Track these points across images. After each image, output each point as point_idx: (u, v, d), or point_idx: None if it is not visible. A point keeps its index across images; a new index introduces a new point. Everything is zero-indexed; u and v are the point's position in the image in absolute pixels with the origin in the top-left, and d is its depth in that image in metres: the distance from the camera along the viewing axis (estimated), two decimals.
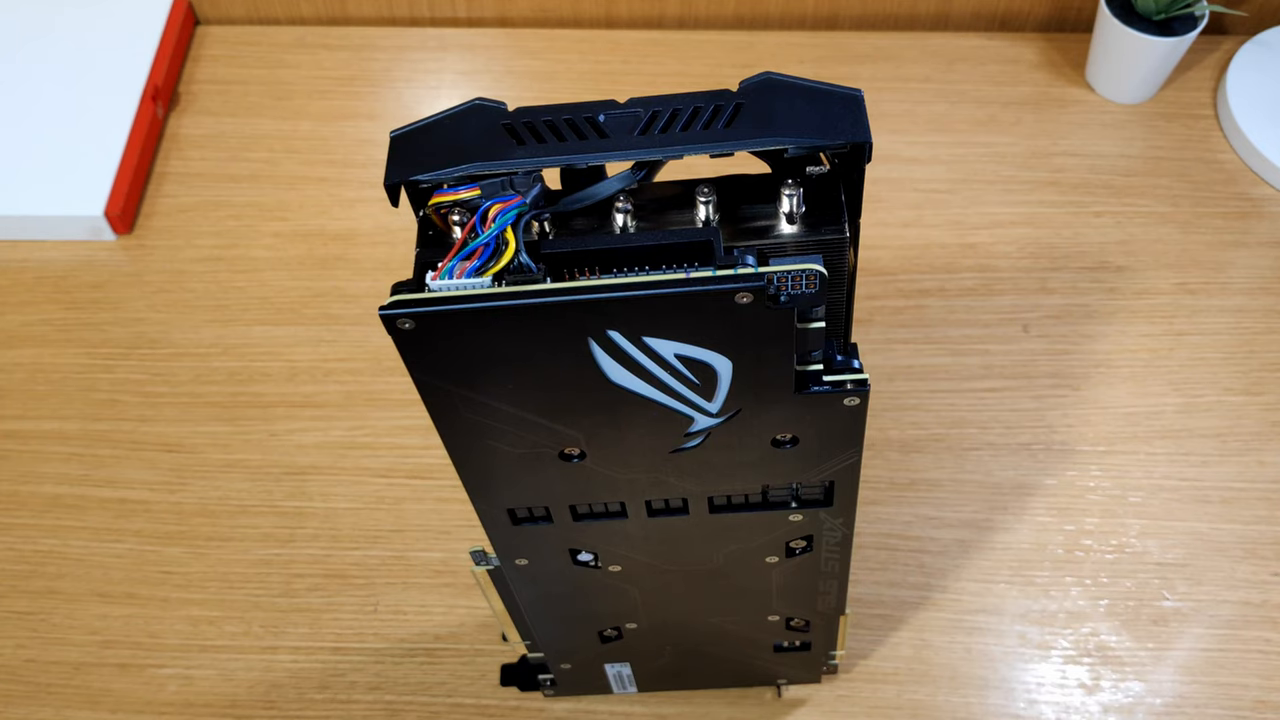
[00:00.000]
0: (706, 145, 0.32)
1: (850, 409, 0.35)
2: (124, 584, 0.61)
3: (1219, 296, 0.70)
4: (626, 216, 0.35)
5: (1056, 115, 0.79)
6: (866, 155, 0.33)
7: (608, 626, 0.50)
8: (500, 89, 0.81)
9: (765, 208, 0.35)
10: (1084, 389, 0.67)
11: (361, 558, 0.62)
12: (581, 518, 0.41)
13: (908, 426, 0.65)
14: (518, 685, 0.57)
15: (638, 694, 0.57)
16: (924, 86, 0.81)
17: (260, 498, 0.64)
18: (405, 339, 0.31)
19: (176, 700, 0.58)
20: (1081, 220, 0.74)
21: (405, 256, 0.73)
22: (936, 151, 0.77)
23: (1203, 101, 0.80)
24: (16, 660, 0.59)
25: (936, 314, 0.70)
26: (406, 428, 0.66)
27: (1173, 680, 0.57)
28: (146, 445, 0.66)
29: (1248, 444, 0.65)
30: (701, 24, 0.86)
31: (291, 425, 0.66)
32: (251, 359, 0.69)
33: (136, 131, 0.76)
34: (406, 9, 0.85)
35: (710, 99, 0.33)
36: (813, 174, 0.35)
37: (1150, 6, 0.75)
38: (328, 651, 0.59)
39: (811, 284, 0.32)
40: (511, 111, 0.33)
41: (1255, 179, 0.76)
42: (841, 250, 0.35)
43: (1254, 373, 0.67)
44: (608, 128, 0.33)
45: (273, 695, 0.58)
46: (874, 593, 0.60)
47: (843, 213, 0.34)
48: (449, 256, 0.32)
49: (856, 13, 0.85)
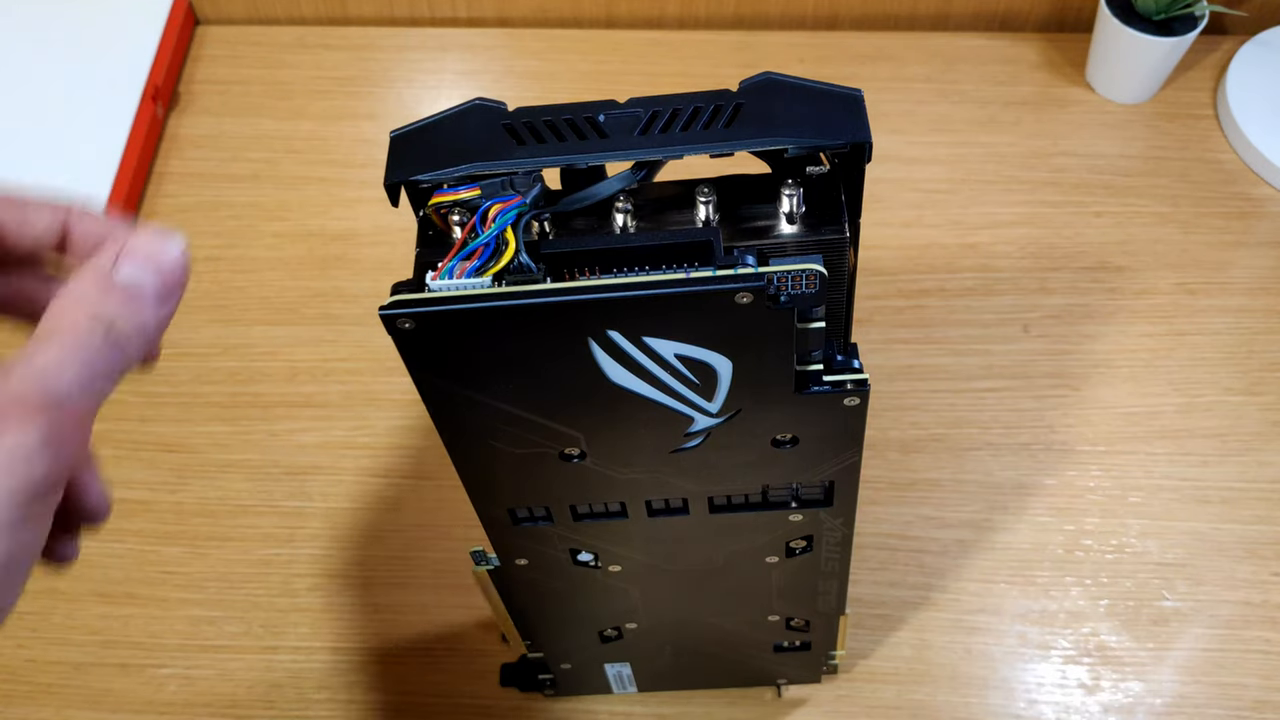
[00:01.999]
0: (706, 145, 0.32)
1: (850, 409, 0.35)
2: (124, 584, 0.61)
3: (1219, 296, 0.70)
4: (626, 216, 0.35)
5: (1056, 115, 0.79)
6: (866, 155, 0.33)
7: (608, 627, 0.50)
8: (500, 89, 0.81)
9: (765, 208, 0.35)
10: (1084, 389, 0.67)
11: (361, 558, 0.62)
12: (581, 518, 0.41)
13: (908, 426, 0.65)
14: (518, 685, 0.57)
15: (638, 694, 0.57)
16: (924, 86, 0.81)
17: (260, 498, 0.64)
18: (405, 339, 0.31)
19: (176, 700, 0.58)
20: (1081, 220, 0.74)
21: (405, 256, 0.73)
22: (936, 151, 0.77)
23: (1203, 101, 0.80)
24: (16, 660, 0.59)
25: (937, 314, 0.70)
26: (406, 428, 0.66)
27: (1173, 680, 0.57)
28: (146, 445, 0.66)
29: (1248, 444, 0.65)
30: (701, 24, 0.86)
31: (291, 425, 0.66)
32: (251, 359, 0.69)
33: (136, 131, 0.76)
34: (406, 9, 0.85)
35: (710, 99, 0.33)
36: (813, 174, 0.35)
37: (1150, 6, 0.75)
38: (328, 651, 0.59)
39: (811, 284, 0.32)
40: (511, 111, 0.33)
41: (1255, 179, 0.76)
42: (841, 250, 0.35)
43: (1254, 373, 0.67)
44: (608, 128, 0.33)
45: (273, 695, 0.58)
46: (874, 593, 0.60)
47: (843, 213, 0.34)
48: (449, 256, 0.32)
49: (856, 13, 0.85)
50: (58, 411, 0.27)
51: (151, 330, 0.29)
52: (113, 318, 0.28)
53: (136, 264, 0.29)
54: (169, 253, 0.30)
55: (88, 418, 0.28)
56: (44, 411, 0.26)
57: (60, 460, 0.27)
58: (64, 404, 0.27)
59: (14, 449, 0.26)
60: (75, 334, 0.28)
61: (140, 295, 0.29)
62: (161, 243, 0.30)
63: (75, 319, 0.28)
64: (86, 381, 0.27)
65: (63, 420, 0.27)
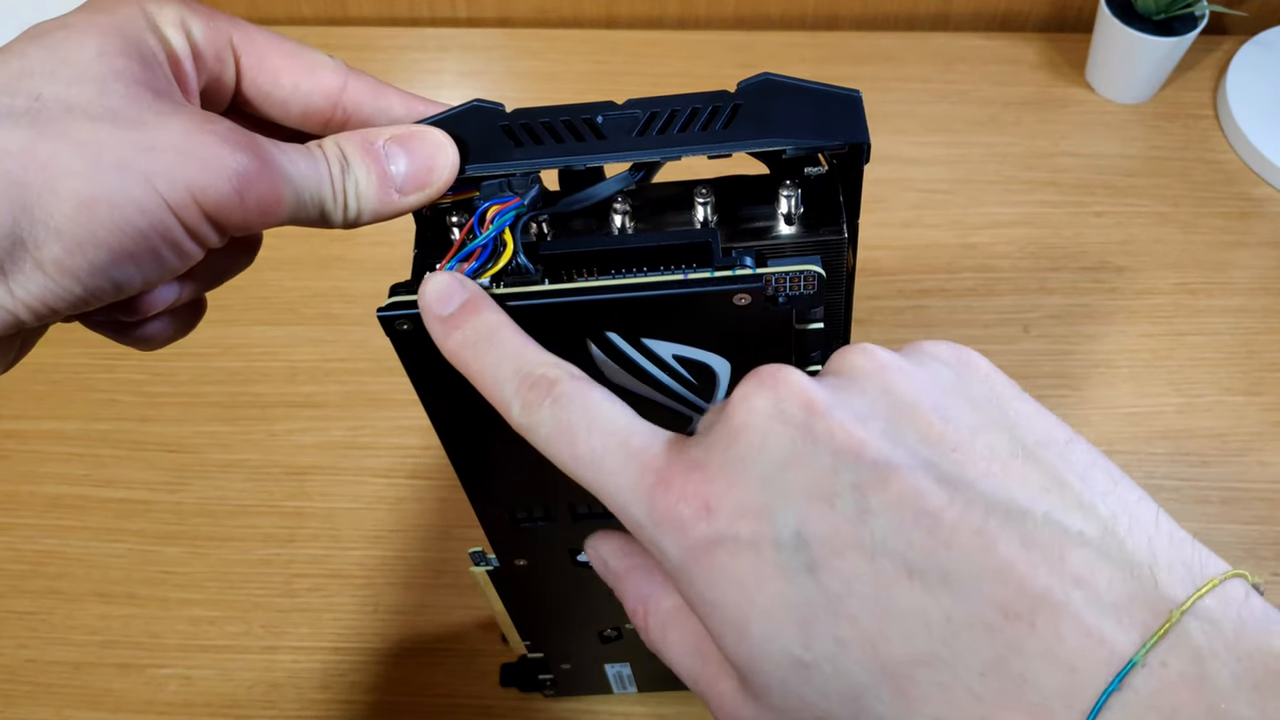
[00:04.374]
0: (704, 147, 0.32)
1: None
2: (124, 584, 0.61)
3: (1219, 296, 0.70)
4: (625, 217, 0.35)
5: (1057, 115, 0.79)
6: (865, 156, 0.33)
7: (608, 627, 0.50)
8: (500, 89, 0.81)
9: (763, 208, 0.35)
10: (1084, 389, 0.67)
11: (361, 558, 0.62)
12: (581, 518, 0.41)
13: None
14: (518, 685, 0.57)
15: (638, 694, 0.57)
16: (924, 86, 0.81)
17: (260, 498, 0.64)
18: (403, 340, 0.31)
19: (176, 700, 0.58)
20: (1082, 220, 0.74)
21: (405, 256, 0.73)
22: (936, 151, 0.77)
23: (1203, 101, 0.80)
24: (16, 660, 0.59)
25: (937, 314, 0.70)
26: (406, 428, 0.66)
27: None
28: (146, 445, 0.66)
29: (1248, 444, 0.65)
30: (701, 24, 0.86)
31: (291, 425, 0.66)
32: (251, 359, 0.69)
33: None
34: (406, 9, 0.85)
35: (708, 100, 0.33)
36: (811, 175, 0.35)
37: (1150, 6, 0.74)
38: (328, 651, 0.59)
39: (810, 285, 0.31)
40: (509, 113, 0.33)
41: (1255, 179, 0.76)
42: (840, 251, 0.34)
43: (1254, 373, 0.67)
44: (606, 129, 0.33)
45: (273, 695, 0.58)
46: None
47: (841, 213, 0.34)
48: (447, 258, 0.32)
49: (856, 13, 0.85)
50: (264, 168, 0.29)
51: (372, 202, 0.31)
52: (355, 165, 0.31)
53: (399, 148, 0.31)
54: (427, 158, 0.32)
55: (271, 211, 0.29)
56: (257, 158, 0.28)
57: (238, 201, 0.28)
58: (277, 177, 0.29)
59: (219, 157, 0.28)
60: (322, 149, 0.31)
61: (386, 174, 0.31)
62: (428, 147, 0.32)
63: (329, 145, 0.31)
64: (300, 181, 0.30)
65: (259, 177, 0.28)
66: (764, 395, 0.25)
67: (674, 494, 0.25)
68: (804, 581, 0.23)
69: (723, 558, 0.24)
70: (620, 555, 0.30)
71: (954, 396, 0.25)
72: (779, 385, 0.25)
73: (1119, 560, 0.22)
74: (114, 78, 0.27)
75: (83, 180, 0.26)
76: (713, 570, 0.24)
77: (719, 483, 0.25)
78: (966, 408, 0.25)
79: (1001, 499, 0.23)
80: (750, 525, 0.24)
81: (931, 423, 0.24)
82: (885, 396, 0.25)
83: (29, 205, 0.26)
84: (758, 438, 0.25)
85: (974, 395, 0.26)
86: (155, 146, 0.27)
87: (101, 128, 0.26)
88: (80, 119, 0.26)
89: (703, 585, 0.25)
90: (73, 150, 0.26)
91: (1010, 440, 0.24)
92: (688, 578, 0.25)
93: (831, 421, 0.24)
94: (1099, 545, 0.23)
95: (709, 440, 0.26)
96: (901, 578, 0.23)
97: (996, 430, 0.25)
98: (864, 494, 0.23)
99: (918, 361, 0.27)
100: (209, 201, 0.28)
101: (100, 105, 0.27)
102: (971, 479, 0.23)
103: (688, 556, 0.25)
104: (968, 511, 0.23)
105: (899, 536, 0.23)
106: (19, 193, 0.26)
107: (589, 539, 0.32)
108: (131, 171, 0.27)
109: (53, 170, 0.26)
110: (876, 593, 0.23)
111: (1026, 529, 0.23)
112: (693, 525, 0.25)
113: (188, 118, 0.28)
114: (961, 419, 0.25)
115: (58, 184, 0.26)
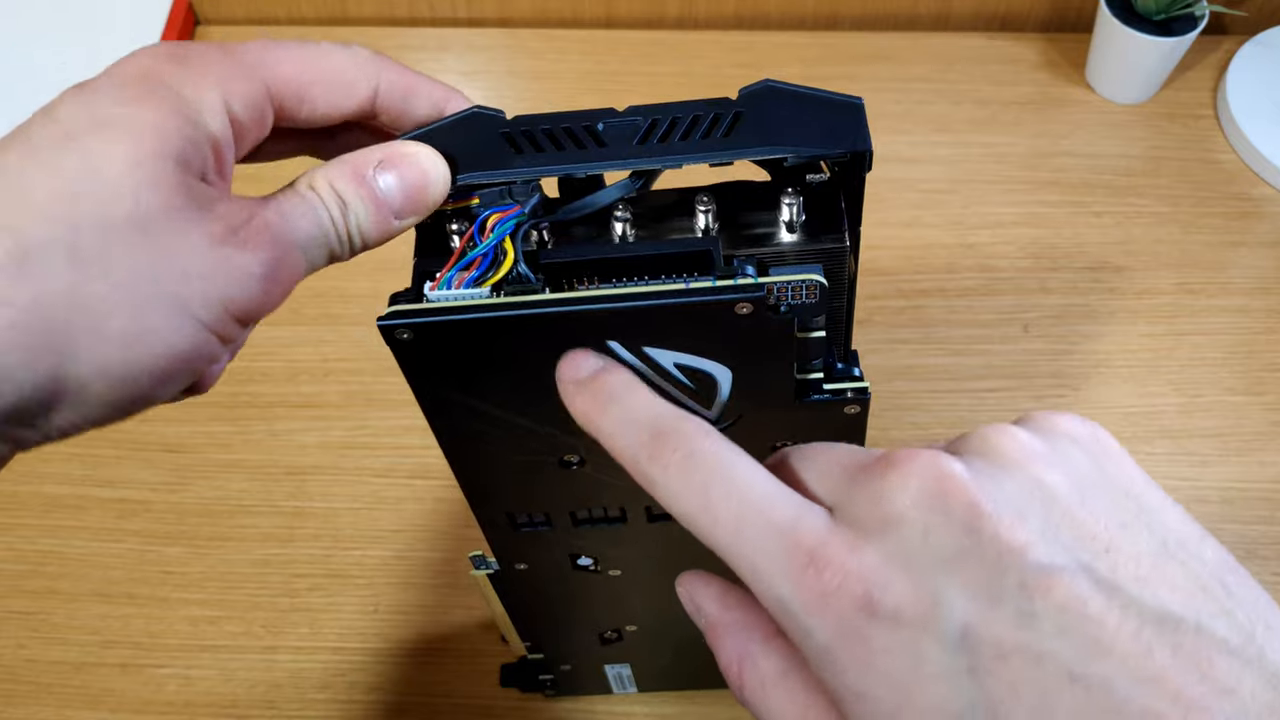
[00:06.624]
0: (706, 155, 0.32)
1: (851, 417, 0.35)
2: (124, 584, 0.61)
3: (1219, 296, 0.70)
4: (626, 225, 0.35)
5: (1057, 115, 0.79)
6: (867, 164, 0.33)
7: (608, 629, 0.50)
8: (500, 89, 0.81)
9: (765, 216, 0.35)
10: (1084, 389, 0.67)
11: (361, 558, 0.62)
12: (581, 523, 0.41)
13: (908, 426, 0.65)
14: (518, 686, 0.57)
15: (638, 694, 0.57)
16: (924, 86, 0.81)
17: (260, 498, 0.64)
18: (403, 349, 0.31)
19: (176, 700, 0.58)
20: (1082, 220, 0.74)
21: (405, 256, 0.72)
22: (936, 151, 0.77)
23: (1203, 101, 0.80)
24: (16, 660, 0.59)
25: (937, 314, 0.70)
26: (406, 428, 0.66)
27: None
28: (146, 445, 0.66)
29: (1248, 444, 0.65)
30: (701, 24, 0.86)
31: (291, 425, 0.66)
32: (251, 359, 0.69)
33: None
34: (406, 9, 0.85)
35: (710, 107, 0.33)
36: (813, 182, 0.34)
37: (1150, 6, 0.74)
38: (328, 651, 0.59)
39: (812, 294, 0.31)
40: (510, 120, 0.33)
41: (1255, 179, 0.76)
42: (842, 259, 0.34)
43: (1254, 373, 0.67)
44: (606, 137, 0.33)
45: (273, 695, 0.58)
46: None
47: (843, 221, 0.34)
48: (447, 266, 0.32)
49: (856, 13, 0.85)
50: (283, 255, 0.29)
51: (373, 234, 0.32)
52: (351, 203, 0.31)
53: (391, 174, 0.31)
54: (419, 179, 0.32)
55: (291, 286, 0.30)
56: (275, 248, 0.29)
57: (266, 298, 0.29)
58: (294, 254, 0.30)
59: (245, 266, 0.28)
60: (317, 194, 0.31)
61: (382, 203, 0.31)
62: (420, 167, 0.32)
63: (323, 187, 0.31)
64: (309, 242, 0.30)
65: (280, 265, 0.29)
66: (920, 483, 0.25)
67: (828, 579, 0.24)
68: (965, 684, 0.23)
69: (880, 651, 0.24)
70: (719, 606, 0.30)
71: (1097, 490, 0.26)
72: (939, 475, 0.25)
73: (1259, 668, 0.23)
74: (149, 187, 0.27)
75: (127, 319, 0.26)
76: (869, 663, 0.24)
77: (881, 574, 0.24)
78: (1108, 501, 0.25)
79: (1155, 605, 0.23)
80: (913, 621, 0.24)
81: (1084, 522, 0.24)
82: (1038, 490, 0.25)
83: (74, 351, 0.26)
84: (920, 530, 0.24)
85: (1114, 487, 0.26)
86: (189, 272, 0.27)
87: (139, 258, 0.26)
88: (118, 247, 0.26)
89: (853, 676, 0.24)
90: (114, 290, 0.26)
91: (1152, 539, 0.25)
92: (837, 665, 0.24)
93: (998, 522, 0.24)
94: (1242, 654, 0.23)
95: (863, 524, 0.25)
96: (1065, 683, 0.22)
97: (1140, 529, 0.25)
98: (1030, 597, 0.23)
99: (1053, 443, 0.27)
100: (239, 308, 0.28)
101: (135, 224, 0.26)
102: (1125, 582, 0.23)
103: (839, 645, 0.24)
104: (1125, 617, 0.23)
105: (1063, 641, 0.23)
106: (61, 341, 0.26)
107: (681, 576, 0.31)
108: (172, 302, 0.27)
109: (96, 312, 0.26)
110: (1040, 698, 0.23)
111: (1179, 637, 0.23)
112: (850, 615, 0.24)
113: (214, 225, 0.28)
114: (1109, 516, 0.25)
115: (101, 325, 0.26)
